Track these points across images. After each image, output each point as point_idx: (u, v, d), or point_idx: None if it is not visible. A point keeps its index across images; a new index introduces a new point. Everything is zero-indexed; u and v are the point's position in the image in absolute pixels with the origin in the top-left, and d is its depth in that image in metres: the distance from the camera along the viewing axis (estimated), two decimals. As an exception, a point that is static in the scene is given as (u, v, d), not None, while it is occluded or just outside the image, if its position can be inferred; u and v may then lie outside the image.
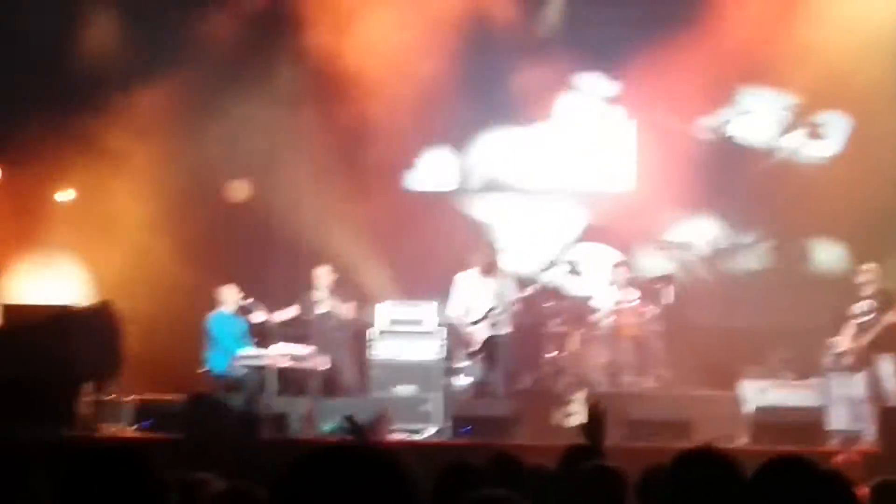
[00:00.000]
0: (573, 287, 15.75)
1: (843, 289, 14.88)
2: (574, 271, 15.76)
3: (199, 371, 14.43)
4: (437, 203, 17.11)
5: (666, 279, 15.38)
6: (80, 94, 15.17)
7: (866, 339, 13.58)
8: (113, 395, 13.53)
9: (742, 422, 13.22)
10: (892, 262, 14.20)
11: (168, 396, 13.69)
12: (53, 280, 15.20)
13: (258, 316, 14.38)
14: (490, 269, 14.06)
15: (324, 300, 14.82)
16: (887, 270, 13.96)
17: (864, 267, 13.98)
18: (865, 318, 13.66)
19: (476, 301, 14.05)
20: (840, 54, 15.36)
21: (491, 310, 13.90)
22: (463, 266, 14.46)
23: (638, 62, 15.60)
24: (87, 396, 13.57)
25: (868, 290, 13.74)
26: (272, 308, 14.74)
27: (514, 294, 14.10)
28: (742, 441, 12.64)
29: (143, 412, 13.13)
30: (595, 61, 16.42)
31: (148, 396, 13.62)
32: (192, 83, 15.27)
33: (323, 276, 14.90)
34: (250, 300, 14.46)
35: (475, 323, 13.95)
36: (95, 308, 13.55)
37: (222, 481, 5.51)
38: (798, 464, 3.66)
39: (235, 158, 15.83)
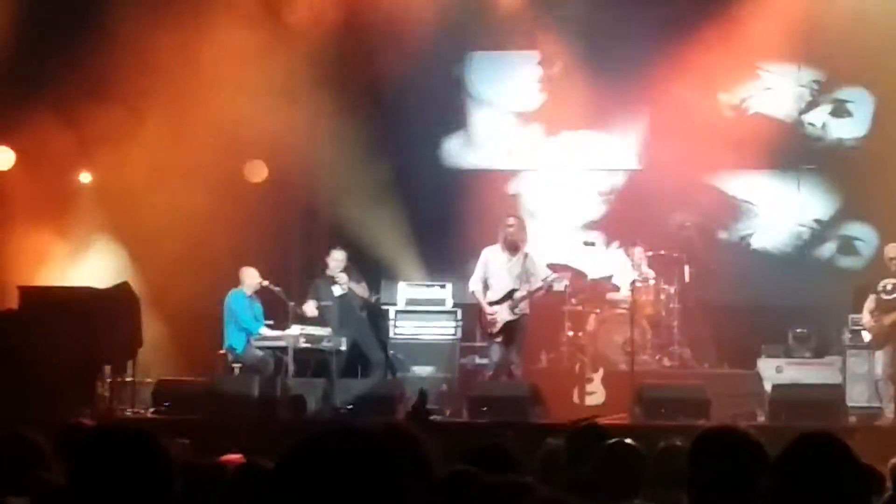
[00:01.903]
0: (590, 266, 15.70)
1: (863, 267, 14.85)
2: (591, 250, 15.70)
3: (218, 352, 14.47)
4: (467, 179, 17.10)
5: (682, 258, 15.34)
6: (94, 76, 15.12)
7: (890, 318, 13.48)
8: (131, 377, 13.55)
9: (760, 400, 13.19)
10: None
11: (187, 378, 13.72)
12: (71, 263, 15.21)
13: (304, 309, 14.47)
14: (514, 247, 13.97)
15: (342, 282, 14.81)
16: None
17: (893, 245, 13.85)
18: (889, 297, 13.56)
19: (497, 278, 13.95)
20: (865, 29, 15.29)
21: (511, 292, 13.82)
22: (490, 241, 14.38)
23: (661, 39, 15.58)
24: (105, 378, 13.61)
25: (894, 268, 13.63)
26: (290, 289, 14.77)
27: (537, 276, 13.95)
28: (760, 419, 12.62)
29: (162, 394, 13.13)
30: (616, 38, 16.29)
31: (166, 378, 13.64)
32: (210, 61, 15.23)
33: (339, 258, 14.89)
34: (267, 283, 14.49)
35: (495, 304, 13.85)
36: (113, 290, 13.55)
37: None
38: (825, 442, 3.63)
39: (254, 139, 15.80)
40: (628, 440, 5.69)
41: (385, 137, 16.38)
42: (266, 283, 14.51)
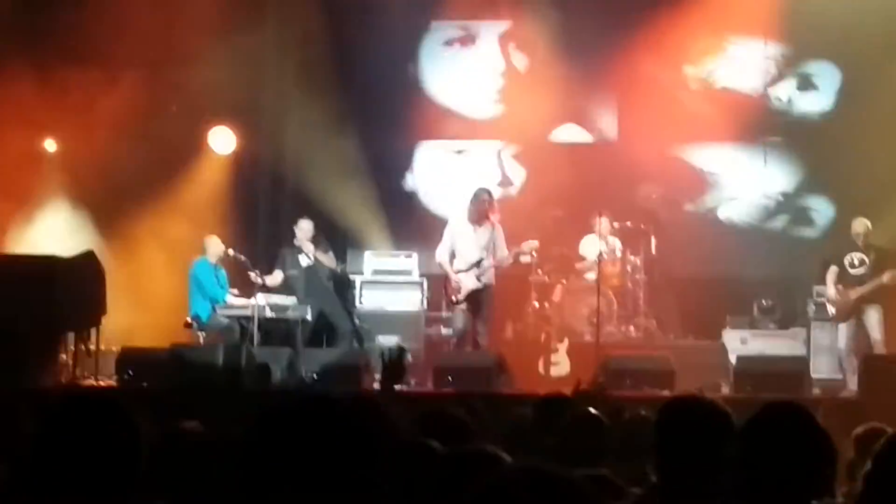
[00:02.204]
0: (557, 238, 15.69)
1: (826, 240, 14.91)
2: (557, 221, 15.71)
3: (184, 321, 14.42)
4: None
5: (649, 229, 15.36)
6: (61, 41, 14.99)
7: (856, 292, 13.54)
8: (94, 346, 13.47)
9: (725, 371, 13.24)
10: (881, 220, 14.10)
11: (151, 347, 13.65)
12: (37, 232, 15.11)
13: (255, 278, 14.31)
14: (481, 218, 13.96)
15: (309, 252, 14.77)
16: (879, 228, 13.89)
17: (860, 219, 13.90)
18: (855, 271, 13.63)
19: (465, 248, 13.94)
20: (832, 3, 15.32)
21: (479, 261, 13.81)
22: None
23: (628, 12, 15.58)
24: (68, 347, 13.54)
25: (860, 242, 13.70)
26: (254, 258, 14.71)
27: (503, 247, 13.96)
28: (724, 390, 12.66)
29: (125, 362, 13.05)
30: (583, 11, 16.25)
31: (130, 346, 13.57)
32: (177, 27, 15.13)
33: (306, 228, 14.84)
34: (233, 252, 14.43)
35: (460, 272, 13.86)
36: (77, 258, 13.46)
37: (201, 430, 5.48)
38: (791, 411, 3.65)
39: (221, 106, 15.73)
40: (592, 410, 5.69)
41: (352, 109, 16.33)
42: (231, 251, 14.45)
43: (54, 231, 14.98)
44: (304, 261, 14.80)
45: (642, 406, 5.72)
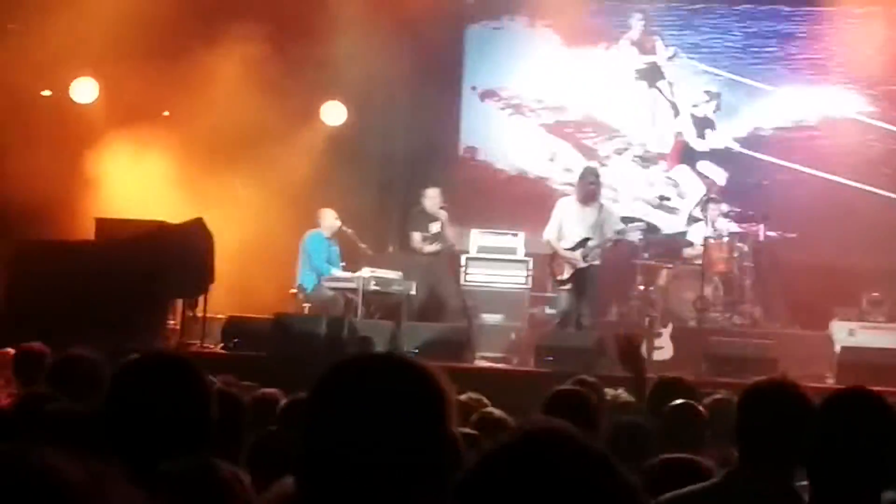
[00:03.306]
0: (665, 221, 15.62)
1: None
2: (666, 206, 15.61)
3: (290, 291, 14.59)
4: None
5: (758, 216, 15.20)
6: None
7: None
8: (202, 313, 13.67)
9: (830, 362, 13.07)
10: None
11: (257, 316, 13.83)
12: (150, 195, 15.33)
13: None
14: (588, 198, 13.94)
15: (443, 219, 14.74)
16: None
17: None
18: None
19: (571, 228, 13.92)
20: None
21: (585, 240, 13.79)
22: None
23: None
24: (176, 312, 13.77)
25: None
26: (364, 234, 14.82)
27: (610, 227, 13.93)
28: (829, 381, 12.51)
29: (232, 330, 13.25)
30: None
31: (237, 315, 13.75)
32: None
33: (433, 196, 14.83)
34: (344, 226, 14.58)
35: (568, 251, 13.84)
36: (188, 225, 13.65)
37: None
38: (866, 397, 3.62)
39: (333, 82, 15.85)
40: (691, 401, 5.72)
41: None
42: (343, 226, 14.58)
43: (165, 196, 15.17)
44: (433, 228, 14.78)
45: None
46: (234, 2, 15.26)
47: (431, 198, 14.86)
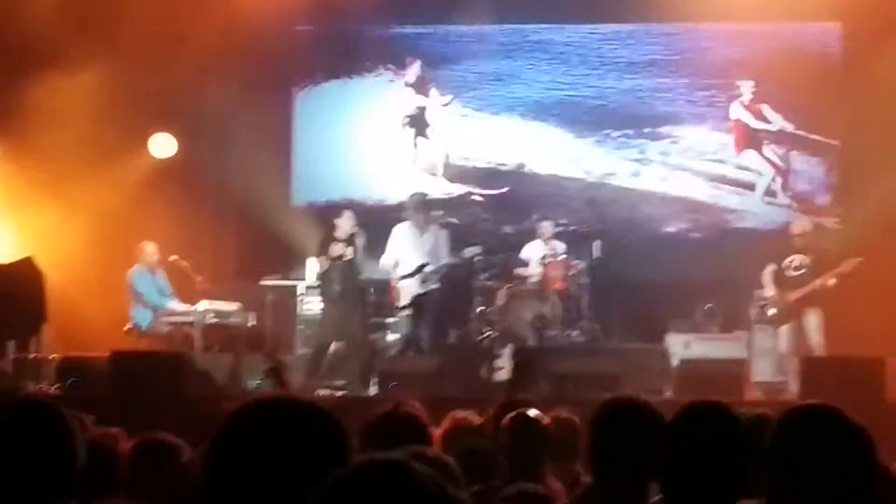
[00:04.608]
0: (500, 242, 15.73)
1: (767, 243, 15.00)
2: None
3: (124, 329, 14.33)
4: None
5: (592, 233, 15.40)
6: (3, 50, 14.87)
7: (795, 295, 13.64)
8: (35, 353, 13.34)
9: (667, 375, 13.28)
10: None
11: (92, 354, 13.53)
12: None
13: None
14: (423, 223, 14.06)
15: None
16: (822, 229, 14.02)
17: (801, 220, 14.04)
18: (796, 273, 13.72)
19: (408, 254, 13.99)
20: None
21: (422, 266, 13.87)
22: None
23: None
24: (8, 354, 13.41)
25: (800, 245, 13.80)
26: (197, 266, 14.63)
27: (446, 250, 14.06)
28: (667, 394, 12.70)
29: (66, 370, 12.94)
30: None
31: (71, 354, 13.45)
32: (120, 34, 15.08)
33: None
34: (176, 257, 14.38)
35: (405, 277, 13.92)
36: (16, 264, 13.33)
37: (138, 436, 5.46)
38: (713, 409, 3.67)
39: (162, 113, 15.66)
40: (532, 413, 5.70)
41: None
42: (175, 257, 14.39)
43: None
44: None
45: (586, 410, 5.72)
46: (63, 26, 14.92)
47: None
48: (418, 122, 16.94)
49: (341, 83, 17.06)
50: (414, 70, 16.88)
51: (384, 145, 17.01)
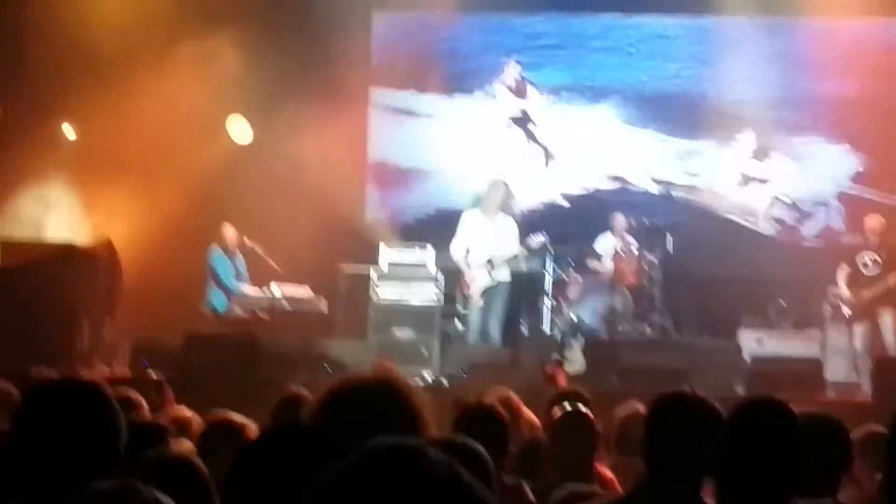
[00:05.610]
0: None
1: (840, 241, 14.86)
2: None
3: (200, 310, 14.48)
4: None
5: (666, 228, 15.33)
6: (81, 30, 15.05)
7: (869, 293, 13.51)
8: (110, 334, 13.51)
9: (739, 371, 13.19)
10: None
11: (166, 335, 13.68)
12: (54, 216, 15.14)
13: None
14: (496, 211, 14.07)
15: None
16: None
17: (874, 215, 13.90)
18: (868, 271, 13.59)
19: (478, 243, 13.99)
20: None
21: (493, 256, 13.91)
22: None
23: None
24: (84, 334, 13.58)
25: (874, 242, 13.66)
26: (271, 249, 14.73)
27: (515, 239, 14.06)
28: (738, 390, 12.61)
29: (141, 351, 13.09)
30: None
31: (146, 336, 13.60)
32: (195, 18, 15.21)
33: None
34: (248, 240, 14.51)
35: (475, 266, 13.92)
36: (94, 245, 13.51)
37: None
38: (771, 406, 3.65)
39: (239, 97, 15.77)
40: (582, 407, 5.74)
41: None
42: (247, 240, 14.51)
43: (68, 217, 14.99)
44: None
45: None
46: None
47: None
48: (521, 123, 16.86)
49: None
50: (511, 72, 16.78)
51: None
